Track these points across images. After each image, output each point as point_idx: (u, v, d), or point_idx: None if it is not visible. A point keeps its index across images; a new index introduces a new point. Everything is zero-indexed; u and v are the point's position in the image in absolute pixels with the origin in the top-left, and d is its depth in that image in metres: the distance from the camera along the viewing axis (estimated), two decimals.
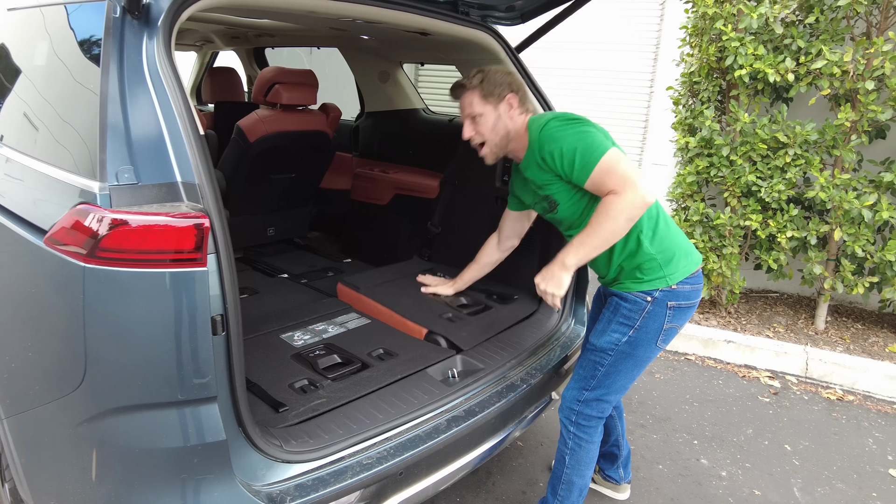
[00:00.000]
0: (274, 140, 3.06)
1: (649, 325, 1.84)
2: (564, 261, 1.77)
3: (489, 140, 1.96)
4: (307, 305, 2.64)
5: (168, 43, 1.46)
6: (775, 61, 3.54)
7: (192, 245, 1.28)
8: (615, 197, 1.65)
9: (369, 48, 3.15)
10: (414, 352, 2.17)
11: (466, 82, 1.94)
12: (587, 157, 1.69)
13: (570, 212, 1.87)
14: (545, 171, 1.83)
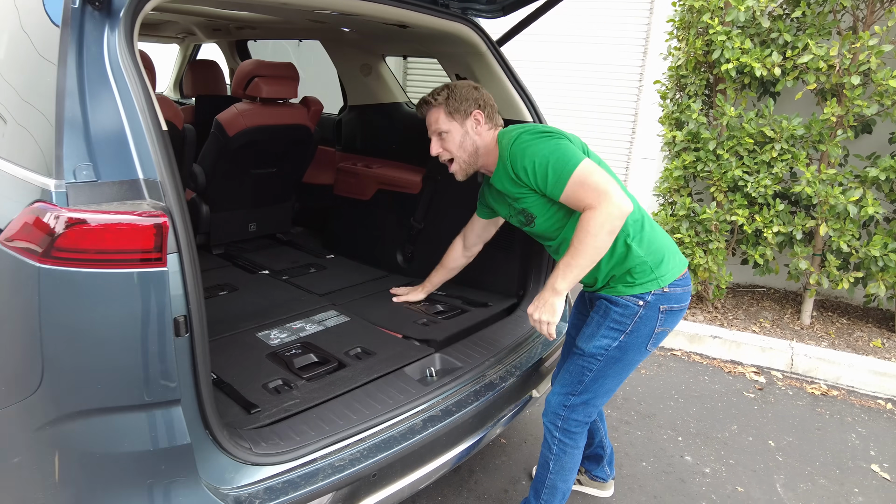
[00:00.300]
0: (253, 134, 3.01)
1: (641, 330, 1.81)
2: (555, 286, 1.71)
3: (457, 157, 1.94)
4: (286, 303, 2.61)
5: (130, 35, 1.41)
6: (762, 55, 3.52)
7: (151, 245, 1.24)
8: (592, 212, 1.62)
9: (351, 41, 3.10)
10: (392, 350, 2.14)
11: (431, 99, 1.92)
12: (560, 171, 1.67)
13: (547, 225, 1.85)
14: (519, 186, 1.80)
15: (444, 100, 1.90)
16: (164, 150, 1.34)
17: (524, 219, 1.89)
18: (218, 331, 2.28)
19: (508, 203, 1.92)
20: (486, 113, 1.91)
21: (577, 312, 2.17)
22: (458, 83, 1.95)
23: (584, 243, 1.63)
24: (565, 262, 1.67)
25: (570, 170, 1.65)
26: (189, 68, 3.65)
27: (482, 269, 2.77)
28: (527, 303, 2.55)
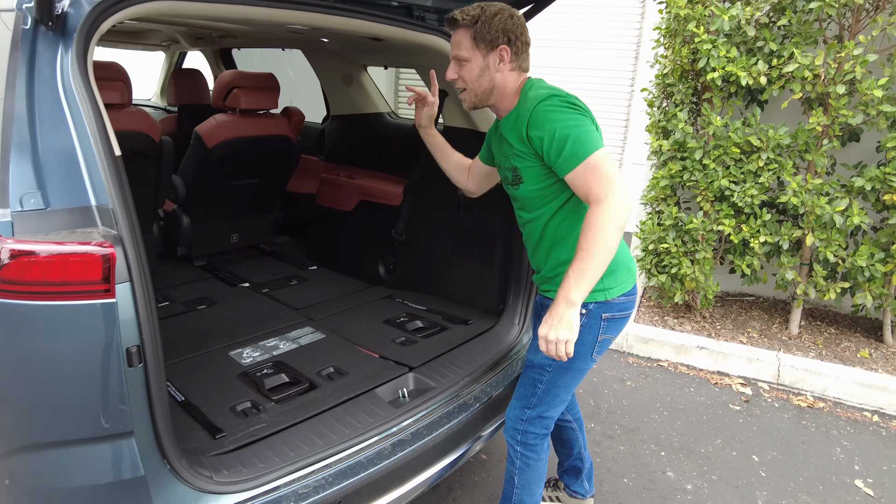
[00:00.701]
0: (233, 145, 2.98)
1: (584, 338, 1.75)
2: (569, 297, 1.52)
3: (470, 88, 1.75)
4: (263, 318, 2.58)
5: (84, 57, 1.38)
6: (748, 64, 3.49)
7: (99, 276, 1.20)
8: (599, 206, 1.49)
9: (331, 51, 3.08)
10: (365, 370, 2.11)
11: (459, 16, 1.69)
12: (576, 149, 1.54)
13: (530, 193, 1.74)
14: (524, 145, 1.67)
15: (472, 22, 1.68)
16: (116, 175, 1.31)
17: (511, 176, 1.77)
18: (191, 349, 2.25)
19: (505, 153, 1.79)
20: (514, 50, 1.70)
21: (535, 317, 2.09)
22: (493, 5, 1.71)
23: (595, 243, 1.49)
24: (576, 268, 1.52)
25: (588, 151, 1.53)
26: (172, 77, 3.62)
27: (463, 283, 2.75)
28: (507, 317, 2.52)
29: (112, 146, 1.34)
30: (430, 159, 2.76)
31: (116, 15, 1.45)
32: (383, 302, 2.84)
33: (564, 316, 1.52)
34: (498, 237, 2.57)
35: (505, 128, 1.75)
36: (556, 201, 1.72)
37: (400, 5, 2.27)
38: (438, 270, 2.85)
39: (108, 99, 2.47)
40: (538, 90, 1.67)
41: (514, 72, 1.73)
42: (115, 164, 1.32)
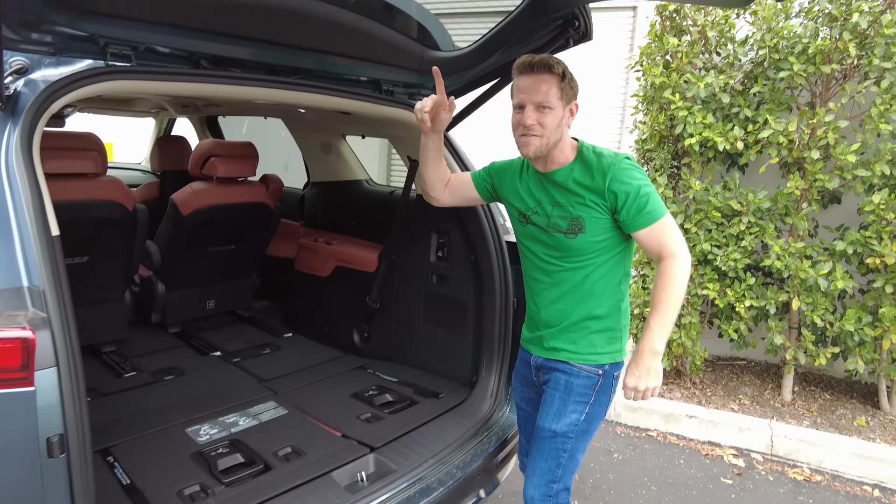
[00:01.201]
0: (209, 213, 2.98)
1: (602, 399, 1.80)
2: (654, 348, 1.62)
3: (546, 135, 1.69)
4: (228, 391, 2.50)
5: (28, 137, 1.37)
6: (724, 130, 3.54)
7: (17, 363, 1.15)
8: (674, 261, 1.60)
9: (310, 120, 3.12)
10: (324, 450, 2.02)
11: (554, 63, 1.67)
12: (655, 207, 1.63)
13: (586, 244, 1.72)
14: (599, 197, 1.67)
15: (562, 73, 1.67)
16: (49, 256, 1.28)
17: (567, 225, 1.72)
18: (148, 425, 2.16)
19: (559, 202, 1.75)
20: (577, 107, 1.75)
21: (522, 381, 2.01)
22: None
23: (674, 296, 1.59)
24: (658, 319, 1.60)
25: (663, 211, 1.64)
26: (156, 144, 3.67)
27: (436, 354, 2.68)
28: (480, 390, 2.44)
29: (49, 226, 1.32)
30: (404, 226, 2.77)
31: (66, 97, 1.46)
32: (354, 373, 2.76)
33: (651, 367, 1.63)
34: (469, 306, 2.52)
35: (563, 178, 1.74)
36: (605, 255, 1.73)
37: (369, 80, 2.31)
38: (412, 340, 2.79)
39: (82, 168, 2.49)
40: (603, 148, 1.75)
41: (568, 129, 1.77)
42: (50, 245, 1.29)
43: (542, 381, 1.88)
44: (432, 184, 2.07)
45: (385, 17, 2.06)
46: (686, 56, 3.56)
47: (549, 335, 1.83)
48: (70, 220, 2.45)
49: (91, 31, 1.51)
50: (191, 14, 1.62)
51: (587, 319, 1.77)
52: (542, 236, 1.80)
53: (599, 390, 1.78)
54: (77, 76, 1.46)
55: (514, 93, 1.73)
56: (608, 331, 1.78)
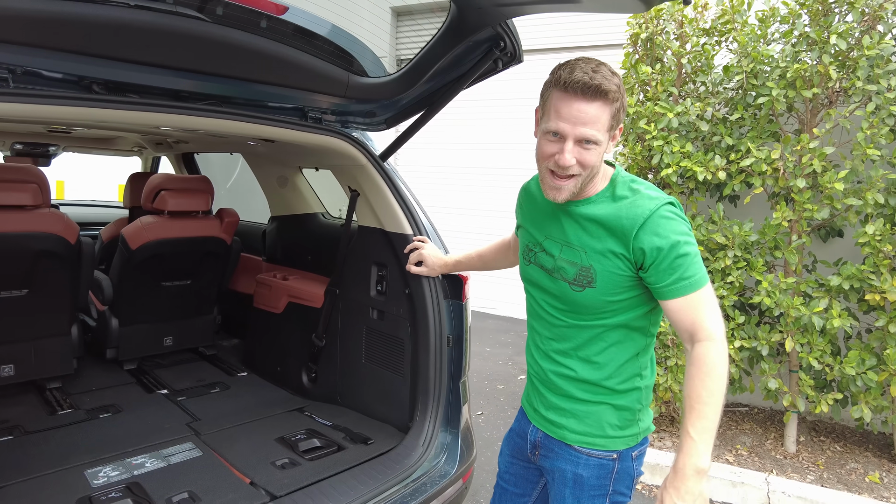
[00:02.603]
0: (158, 247, 2.94)
1: (621, 487, 1.48)
2: (699, 465, 1.24)
3: (584, 176, 1.35)
4: (152, 431, 2.39)
5: None
6: (705, 159, 3.35)
7: None
8: (711, 347, 1.26)
9: (264, 153, 3.09)
10: (221, 498, 1.87)
11: (611, 86, 1.28)
12: (694, 275, 1.29)
13: (593, 301, 1.39)
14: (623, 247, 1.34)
15: (617, 98, 1.30)
16: None
17: (574, 273, 1.41)
18: (46, 466, 2.06)
19: (571, 242, 1.43)
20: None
21: (513, 450, 1.70)
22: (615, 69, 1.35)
23: (716, 392, 1.24)
24: (700, 426, 1.24)
25: (703, 281, 1.30)
26: (128, 181, 3.70)
27: (376, 396, 2.53)
28: (412, 437, 2.25)
29: None
30: (348, 259, 2.66)
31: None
32: (290, 415, 2.61)
33: (695, 489, 1.24)
34: (406, 344, 2.37)
35: (582, 212, 1.41)
36: (621, 316, 1.41)
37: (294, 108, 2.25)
38: (354, 381, 2.64)
39: (19, 200, 2.48)
40: (643, 184, 1.40)
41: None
42: None
43: (541, 465, 1.58)
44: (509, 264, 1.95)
45: (301, 42, 2.01)
46: (661, 84, 3.43)
47: (548, 403, 1.53)
48: (6, 253, 2.45)
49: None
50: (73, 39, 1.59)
51: (595, 390, 1.45)
52: (545, 281, 1.48)
53: (617, 478, 1.46)
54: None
55: (550, 113, 1.33)
56: (623, 410, 1.45)
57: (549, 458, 1.54)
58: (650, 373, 1.49)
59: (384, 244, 2.44)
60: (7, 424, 2.41)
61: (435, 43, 2.01)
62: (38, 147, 3.84)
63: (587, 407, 1.46)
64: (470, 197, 8.01)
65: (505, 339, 6.30)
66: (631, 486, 1.50)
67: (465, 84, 2.13)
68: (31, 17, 1.48)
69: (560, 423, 1.50)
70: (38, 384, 2.83)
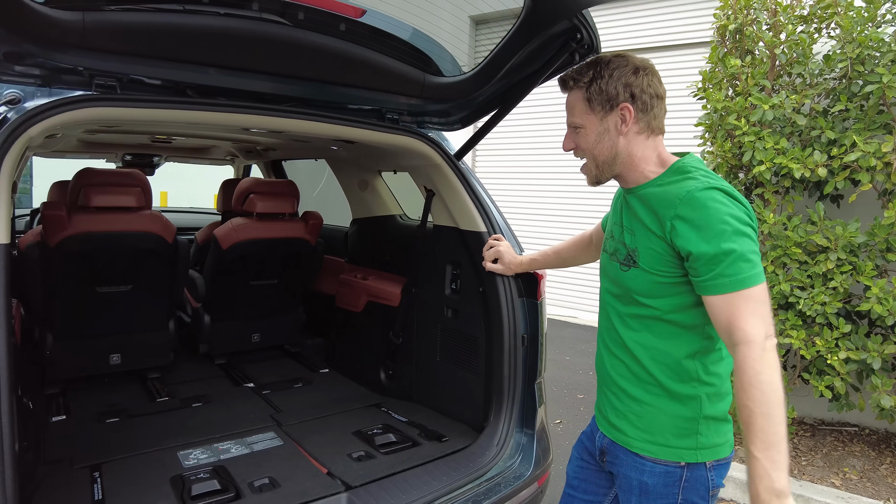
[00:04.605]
0: (247, 247, 3.10)
1: (692, 495, 1.37)
2: (772, 486, 1.13)
3: (590, 158, 1.45)
4: (237, 420, 2.51)
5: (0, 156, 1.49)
6: (802, 155, 3.11)
7: None
8: (749, 352, 1.16)
9: (346, 158, 3.20)
10: (300, 485, 1.93)
11: (569, 79, 1.44)
12: (739, 271, 1.19)
13: (640, 284, 1.37)
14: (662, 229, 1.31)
15: (587, 83, 1.40)
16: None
17: (622, 255, 1.42)
18: (144, 446, 2.21)
19: (624, 224, 1.45)
20: (639, 107, 1.37)
21: (582, 452, 1.65)
22: (613, 59, 1.41)
23: (766, 402, 1.14)
24: (760, 443, 1.14)
25: (752, 280, 1.19)
26: (220, 187, 3.94)
27: (451, 394, 2.54)
28: (486, 436, 2.23)
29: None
30: (423, 258, 2.69)
31: (43, 123, 1.58)
32: (367, 410, 2.66)
33: None
34: (480, 343, 2.36)
35: (635, 198, 1.42)
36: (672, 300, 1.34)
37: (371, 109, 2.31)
38: (429, 379, 2.66)
39: (125, 202, 2.71)
40: (697, 171, 1.34)
41: (642, 135, 1.39)
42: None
43: (609, 470, 1.53)
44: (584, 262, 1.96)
45: (377, 44, 2.07)
46: (752, 77, 3.23)
47: (610, 404, 1.49)
48: (114, 250, 2.67)
49: (74, 64, 1.64)
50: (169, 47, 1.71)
51: (647, 388, 1.39)
52: (608, 266, 1.49)
53: (687, 486, 1.35)
54: (52, 104, 1.59)
55: None
56: (678, 418, 1.36)
57: (616, 465, 1.48)
58: (720, 383, 1.37)
59: (458, 243, 2.44)
60: (115, 408, 2.62)
61: (510, 39, 2.00)
62: (144, 158, 4.18)
63: (641, 407, 1.40)
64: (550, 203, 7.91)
65: (586, 349, 6.13)
66: (707, 497, 1.38)
67: (540, 79, 2.10)
68: (135, 29, 1.62)
69: (620, 427, 1.45)
70: (141, 373, 3.06)
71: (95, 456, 2.11)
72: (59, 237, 2.51)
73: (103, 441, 2.25)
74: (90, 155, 4.18)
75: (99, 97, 1.68)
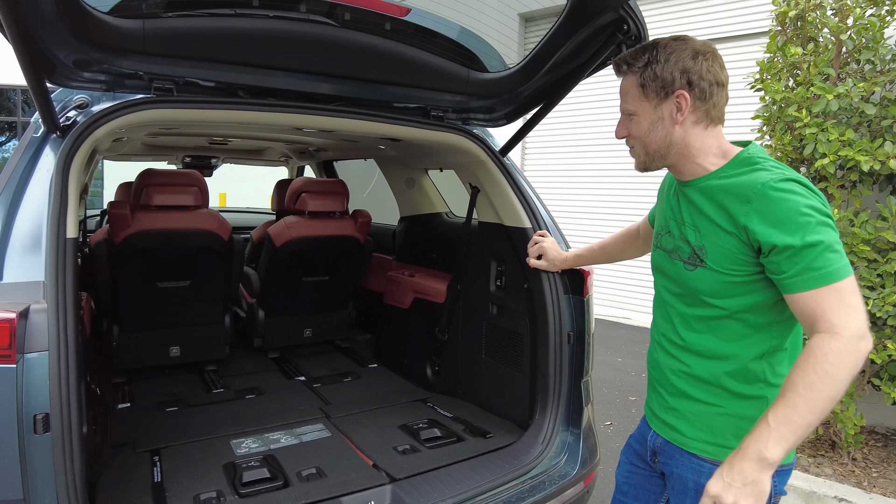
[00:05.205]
0: (299, 245, 3.19)
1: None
2: (762, 453, 1.11)
3: (640, 146, 1.40)
4: (288, 412, 2.59)
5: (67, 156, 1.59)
6: (871, 147, 2.94)
7: (6, 342, 1.30)
8: (834, 340, 1.08)
9: (393, 157, 3.24)
10: (346, 476, 1.97)
11: (623, 63, 1.38)
12: (826, 263, 1.12)
13: (709, 284, 1.29)
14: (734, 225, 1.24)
15: (641, 67, 1.33)
16: (56, 255, 1.44)
17: (690, 253, 1.34)
18: (201, 433, 2.31)
19: (683, 220, 1.37)
20: (697, 95, 1.30)
21: (631, 456, 1.60)
22: (670, 43, 1.32)
23: (814, 387, 1.07)
24: (780, 414, 1.10)
25: (841, 272, 1.12)
26: (275, 187, 4.07)
27: (496, 391, 2.54)
28: (531, 434, 2.22)
29: (66, 228, 1.50)
30: (468, 255, 2.69)
31: (108, 125, 1.68)
32: (413, 405, 2.69)
33: (752, 477, 1.12)
34: (525, 340, 2.34)
35: (697, 191, 1.35)
36: (733, 304, 1.28)
37: (416, 107, 2.33)
38: (475, 375, 2.66)
39: (184, 201, 2.84)
40: (763, 160, 1.27)
41: (700, 124, 1.33)
42: (62, 245, 1.46)
43: (662, 471, 1.48)
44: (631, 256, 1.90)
45: (423, 42, 2.09)
46: (814, 66, 3.07)
47: (665, 404, 1.44)
48: (173, 247, 2.80)
49: (135, 69, 1.73)
50: (222, 50, 1.79)
51: (710, 389, 1.33)
52: (666, 264, 1.42)
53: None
54: (115, 107, 1.69)
55: None
56: (743, 420, 1.30)
57: (669, 465, 1.43)
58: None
59: (503, 239, 2.44)
60: (174, 397, 2.75)
61: (555, 32, 1.98)
62: (203, 159, 4.36)
63: (703, 408, 1.35)
64: (601, 200, 7.77)
65: (638, 350, 5.99)
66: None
67: (586, 73, 2.07)
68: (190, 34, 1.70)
69: (677, 427, 1.40)
70: (198, 366, 3.20)
71: (156, 441, 2.22)
72: (123, 234, 2.65)
73: (163, 428, 2.36)
74: (154, 157, 4.40)
75: (157, 100, 1.77)
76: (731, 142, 1.38)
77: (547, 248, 2.18)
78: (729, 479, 1.13)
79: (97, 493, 1.80)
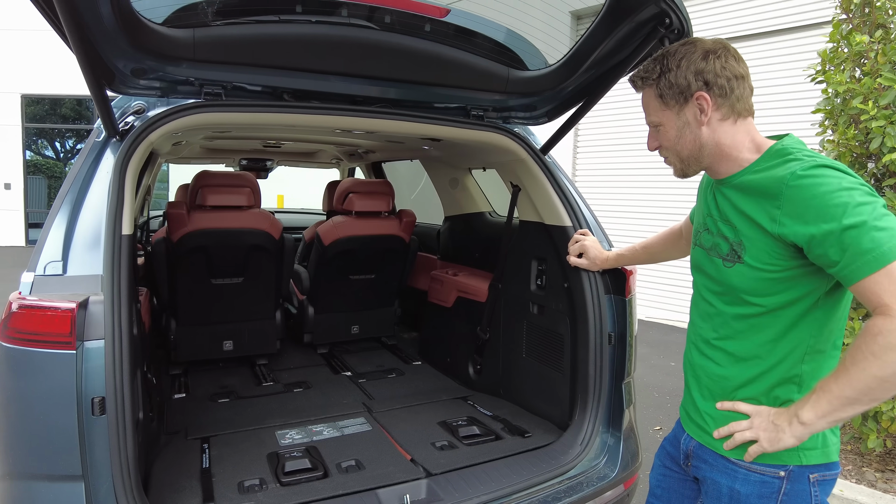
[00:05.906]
0: (347, 243, 3.28)
1: None
2: (801, 414, 1.15)
3: (673, 154, 1.38)
4: (331, 405, 2.66)
5: (124, 158, 1.70)
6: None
7: (66, 329, 1.41)
8: (886, 322, 1.04)
9: (438, 158, 3.27)
10: (384, 469, 2.02)
11: (638, 79, 1.39)
12: (875, 244, 1.05)
13: (747, 281, 1.26)
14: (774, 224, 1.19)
15: (656, 79, 1.33)
16: (112, 250, 1.55)
17: (728, 250, 1.30)
18: (248, 423, 2.41)
19: (722, 219, 1.34)
20: (717, 93, 1.27)
21: (665, 459, 1.57)
22: (680, 50, 1.32)
23: (860, 364, 1.07)
24: (829, 387, 1.12)
25: (891, 254, 1.05)
26: (325, 188, 4.19)
27: (537, 391, 2.53)
28: (570, 434, 2.20)
29: (122, 225, 1.60)
30: (509, 254, 2.69)
31: (162, 128, 1.78)
32: (454, 403, 2.72)
33: (779, 423, 1.18)
34: (566, 340, 2.32)
35: (732, 187, 1.32)
36: (771, 302, 1.24)
37: (457, 107, 2.35)
38: (515, 374, 2.66)
39: (237, 202, 2.96)
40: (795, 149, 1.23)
41: (727, 120, 1.29)
42: (116, 241, 1.57)
43: (695, 475, 1.45)
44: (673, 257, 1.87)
45: (462, 42, 2.11)
46: (883, 54, 2.90)
47: (698, 405, 1.40)
48: (227, 245, 2.94)
49: (186, 76, 1.83)
50: (267, 55, 1.86)
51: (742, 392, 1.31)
52: (704, 262, 1.40)
53: (787, 501, 1.25)
54: (167, 112, 1.79)
55: None
56: None
57: (702, 469, 1.39)
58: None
59: (544, 238, 2.42)
60: (226, 389, 2.88)
61: (595, 28, 1.96)
62: (258, 162, 4.54)
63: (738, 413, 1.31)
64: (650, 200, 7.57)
65: None
66: None
67: (627, 69, 2.04)
68: (237, 41, 1.78)
69: (707, 430, 1.36)
70: (251, 359, 3.33)
71: (206, 430, 2.33)
72: (180, 233, 2.80)
73: (214, 417, 2.48)
74: (212, 160, 4.61)
75: (206, 104, 1.86)
76: (767, 136, 1.33)
77: (588, 247, 2.16)
78: (759, 421, 1.23)
79: (151, 475, 1.92)
